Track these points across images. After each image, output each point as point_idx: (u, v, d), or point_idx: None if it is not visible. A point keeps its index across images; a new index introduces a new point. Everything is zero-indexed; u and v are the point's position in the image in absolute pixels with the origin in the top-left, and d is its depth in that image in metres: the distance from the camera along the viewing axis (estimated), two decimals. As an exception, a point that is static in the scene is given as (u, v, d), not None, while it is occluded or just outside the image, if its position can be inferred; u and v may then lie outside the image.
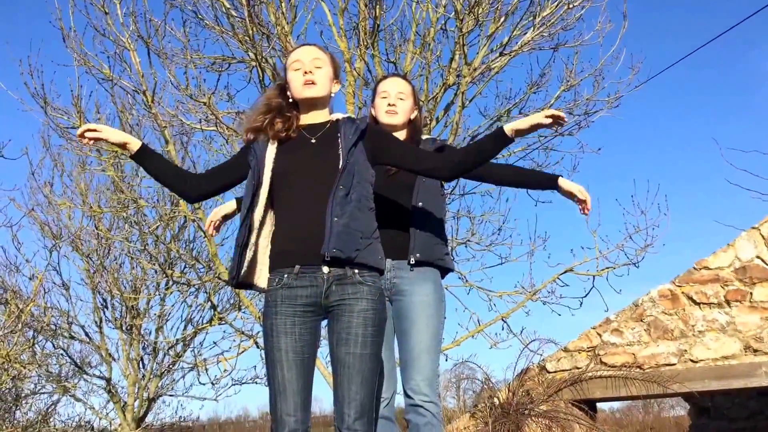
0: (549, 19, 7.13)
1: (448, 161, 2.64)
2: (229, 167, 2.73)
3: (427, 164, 2.62)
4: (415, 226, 3.01)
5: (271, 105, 2.65)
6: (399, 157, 2.64)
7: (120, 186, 8.32)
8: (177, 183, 2.75)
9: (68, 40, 6.95)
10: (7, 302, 9.63)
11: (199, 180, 2.74)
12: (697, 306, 5.05)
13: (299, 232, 2.45)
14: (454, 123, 7.54)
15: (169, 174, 2.75)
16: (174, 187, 2.80)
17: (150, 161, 2.73)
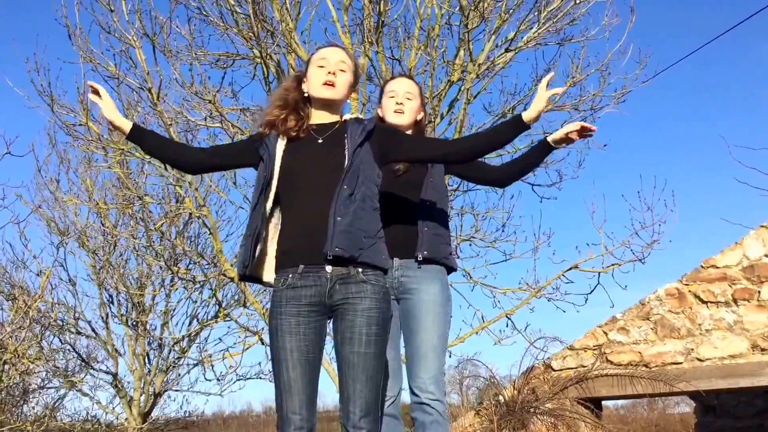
0: (555, 13, 7.09)
1: (461, 146, 2.67)
2: (236, 151, 2.76)
3: (441, 150, 2.67)
4: (422, 225, 3.02)
5: (287, 99, 2.66)
6: (412, 150, 2.66)
7: (126, 183, 8.32)
8: (177, 157, 2.79)
9: (74, 38, 6.97)
10: (14, 298, 9.67)
11: (201, 153, 2.79)
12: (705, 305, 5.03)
13: (303, 232, 2.46)
14: (458, 119, 7.52)
15: (167, 150, 2.79)
16: (174, 161, 2.86)
17: (145, 140, 2.76)
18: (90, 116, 7.20)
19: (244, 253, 2.56)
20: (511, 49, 7.29)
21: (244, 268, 2.55)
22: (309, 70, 2.68)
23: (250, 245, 2.53)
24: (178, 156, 2.78)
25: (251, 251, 2.53)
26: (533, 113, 2.55)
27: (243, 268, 2.56)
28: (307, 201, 2.48)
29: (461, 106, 7.54)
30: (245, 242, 2.56)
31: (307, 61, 2.74)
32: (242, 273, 2.57)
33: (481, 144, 2.65)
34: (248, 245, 2.53)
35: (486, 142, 2.65)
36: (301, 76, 2.71)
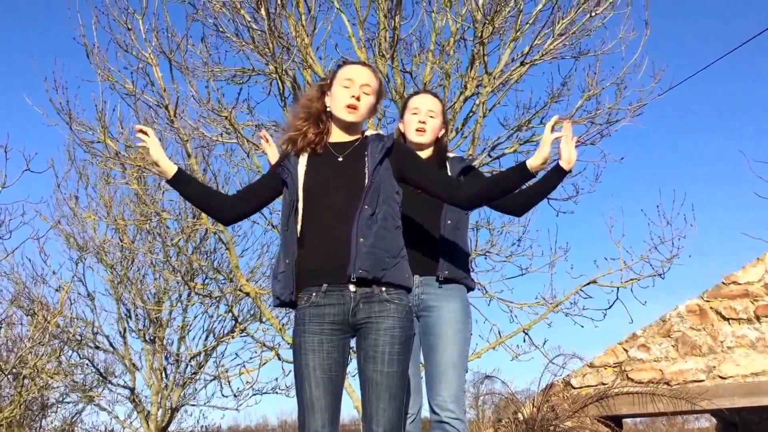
0: (570, 27, 7.07)
1: (468, 192, 2.61)
2: (261, 187, 2.74)
3: (447, 191, 2.61)
4: (443, 243, 3.00)
5: (311, 111, 2.66)
6: (421, 179, 2.63)
7: (143, 199, 8.39)
8: (212, 207, 2.78)
9: (92, 56, 7.04)
10: (34, 313, 9.75)
11: (233, 202, 2.76)
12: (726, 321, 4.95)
13: (326, 251, 2.45)
14: (473, 133, 7.50)
15: (204, 198, 2.78)
16: (209, 210, 2.84)
17: (186, 186, 2.76)
18: (108, 133, 7.26)
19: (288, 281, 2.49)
20: (527, 63, 7.27)
21: (291, 295, 2.49)
22: (334, 86, 2.65)
23: (292, 271, 2.49)
24: (214, 206, 2.77)
25: (292, 279, 2.48)
26: (538, 160, 2.48)
27: (289, 295, 2.49)
28: (328, 220, 2.47)
29: (477, 120, 7.52)
30: (286, 269, 2.50)
31: (333, 73, 2.73)
32: (288, 300, 2.50)
33: (488, 193, 2.61)
34: (290, 272, 2.49)
35: (492, 190, 2.61)
36: (325, 87, 2.70)
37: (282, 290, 2.52)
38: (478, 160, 7.62)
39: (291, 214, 2.54)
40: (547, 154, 2.48)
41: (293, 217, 2.53)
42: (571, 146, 2.68)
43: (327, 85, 2.70)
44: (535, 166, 2.48)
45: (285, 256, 2.53)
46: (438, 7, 7.72)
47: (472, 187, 2.63)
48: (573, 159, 2.69)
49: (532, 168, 2.48)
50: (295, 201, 2.54)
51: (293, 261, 2.50)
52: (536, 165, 2.48)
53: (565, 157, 2.65)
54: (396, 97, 7.53)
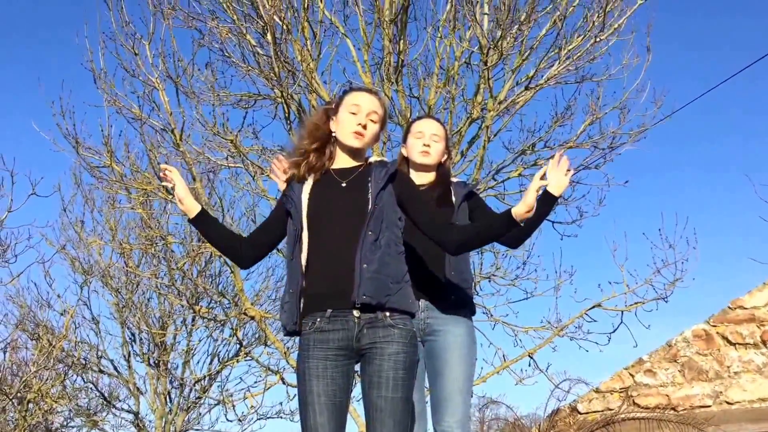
0: (575, 52, 7.12)
1: (456, 239, 2.58)
2: (273, 223, 2.72)
3: (437, 234, 2.60)
4: (449, 268, 2.99)
5: (316, 135, 2.67)
6: (415, 214, 2.62)
7: (149, 223, 8.41)
8: (233, 250, 2.77)
9: (99, 81, 7.11)
10: (39, 337, 9.75)
11: (250, 246, 2.73)
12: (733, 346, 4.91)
13: (330, 277, 2.46)
14: (478, 157, 7.53)
15: (225, 240, 2.77)
16: (230, 254, 2.83)
17: (208, 226, 2.76)
18: (114, 158, 7.31)
19: (292, 311, 2.51)
20: (531, 87, 7.31)
21: (294, 325, 2.51)
22: (340, 111, 2.66)
23: (296, 302, 2.50)
24: (235, 250, 2.76)
25: (297, 309, 2.49)
26: (522, 208, 2.47)
27: (293, 326, 2.51)
28: (332, 245, 2.48)
29: (481, 144, 7.55)
30: (290, 299, 2.52)
31: (340, 98, 2.74)
32: (293, 330, 2.52)
33: (474, 241, 2.64)
34: (294, 302, 2.50)
35: (480, 239, 2.64)
36: (330, 111, 2.71)
37: (287, 320, 2.53)
38: (482, 183, 7.63)
39: (296, 244, 2.54)
40: (531, 202, 2.46)
41: (298, 247, 2.53)
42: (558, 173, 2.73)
43: (332, 109, 2.71)
44: (519, 213, 2.47)
45: (290, 286, 2.54)
46: (443, 33, 7.80)
47: (460, 233, 2.59)
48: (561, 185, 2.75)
49: (516, 216, 2.48)
50: (299, 231, 2.54)
51: (297, 291, 2.50)
52: (520, 213, 2.47)
53: (552, 183, 2.69)
54: (401, 121, 7.58)
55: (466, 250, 2.73)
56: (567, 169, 2.76)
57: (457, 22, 7.64)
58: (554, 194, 2.79)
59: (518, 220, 2.49)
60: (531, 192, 2.47)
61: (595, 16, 6.94)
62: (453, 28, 7.64)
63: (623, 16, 7.04)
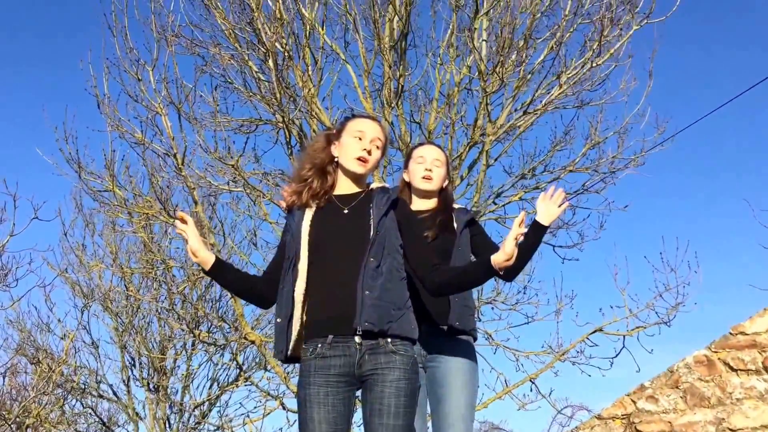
0: (573, 78, 7.19)
1: (437, 281, 2.56)
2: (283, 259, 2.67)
3: (420, 271, 2.58)
4: (453, 295, 2.97)
5: (317, 161, 2.66)
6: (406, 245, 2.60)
7: (149, 247, 8.43)
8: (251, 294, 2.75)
9: (103, 106, 7.19)
10: (38, 362, 9.71)
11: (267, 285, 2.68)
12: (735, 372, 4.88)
13: (332, 303, 2.45)
14: (478, 181, 7.57)
15: (242, 286, 2.75)
16: (249, 297, 2.81)
17: (224, 276, 2.72)
18: (116, 182, 7.35)
19: (281, 341, 2.50)
20: (530, 113, 7.37)
21: (281, 354, 2.51)
22: (344, 137, 2.65)
23: (285, 331, 2.49)
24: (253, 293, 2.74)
25: (286, 338, 2.49)
26: (501, 257, 2.41)
27: (280, 353, 2.51)
28: (334, 272, 2.48)
29: (481, 168, 7.60)
30: (279, 328, 2.51)
31: (342, 124, 2.73)
32: (282, 359, 2.53)
33: (454, 287, 2.62)
34: (283, 330, 2.49)
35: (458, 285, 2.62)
36: (332, 137, 2.70)
37: (275, 349, 2.54)
38: (483, 207, 7.66)
39: (289, 271, 2.53)
40: (510, 250, 2.38)
41: (290, 275, 2.52)
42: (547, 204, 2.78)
43: (334, 134, 2.71)
44: (498, 262, 2.42)
45: (277, 314, 2.53)
46: (443, 59, 7.88)
47: (440, 277, 2.56)
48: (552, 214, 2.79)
49: (495, 264, 2.42)
50: (293, 258, 2.53)
51: (286, 320, 2.49)
52: (499, 261, 2.41)
53: (542, 212, 2.71)
54: (401, 145, 7.63)
55: (445, 293, 2.70)
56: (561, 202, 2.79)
57: (456, 48, 7.73)
58: (543, 223, 2.82)
59: (498, 269, 2.43)
60: (510, 240, 2.38)
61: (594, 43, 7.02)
62: (453, 54, 7.74)
63: (620, 42, 7.12)
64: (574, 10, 7.13)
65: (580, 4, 7.16)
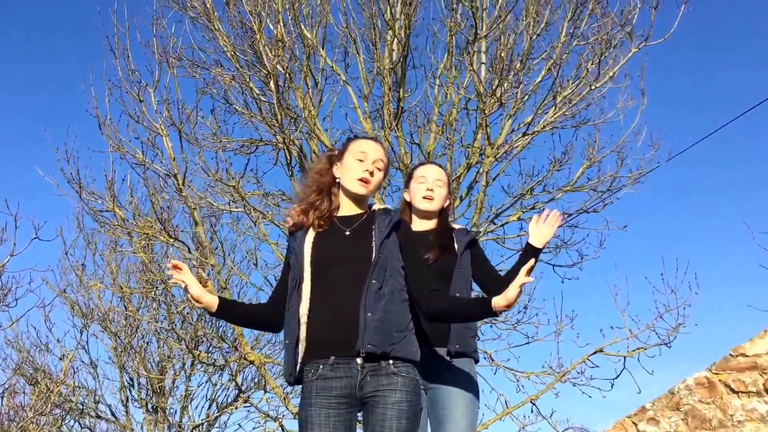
0: (570, 98, 7.25)
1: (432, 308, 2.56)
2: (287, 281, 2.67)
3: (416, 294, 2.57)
4: None
5: (320, 182, 2.66)
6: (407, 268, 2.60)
7: (149, 266, 8.43)
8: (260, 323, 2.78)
9: (104, 128, 7.23)
10: (37, 382, 9.67)
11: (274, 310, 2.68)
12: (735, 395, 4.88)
13: (334, 324, 2.45)
14: (477, 202, 7.60)
15: (250, 318, 2.76)
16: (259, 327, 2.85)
17: (231, 313, 2.75)
18: (117, 202, 7.37)
19: (290, 363, 2.51)
20: (529, 133, 7.42)
21: (291, 377, 2.51)
22: (346, 158, 2.66)
23: (293, 352, 2.50)
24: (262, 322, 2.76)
25: (294, 359, 2.49)
26: (502, 301, 2.41)
27: (290, 377, 2.52)
28: (336, 294, 2.48)
29: (480, 189, 7.63)
30: (287, 350, 2.52)
31: (344, 145, 2.73)
32: (291, 382, 2.53)
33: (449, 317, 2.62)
34: (291, 353, 2.51)
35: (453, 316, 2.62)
36: (334, 158, 2.70)
37: (285, 372, 2.54)
38: (482, 227, 7.68)
39: (293, 293, 2.54)
40: (512, 297, 2.38)
41: (296, 296, 2.53)
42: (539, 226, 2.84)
43: (336, 156, 2.71)
44: (498, 306, 2.42)
45: (285, 336, 2.54)
46: (442, 80, 7.95)
47: (437, 304, 2.56)
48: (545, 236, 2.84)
49: (495, 307, 2.42)
50: (298, 280, 2.54)
51: (294, 341, 2.49)
52: (499, 305, 2.41)
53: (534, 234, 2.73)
54: (401, 166, 7.67)
55: (440, 321, 2.68)
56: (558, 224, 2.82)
57: (455, 70, 7.80)
58: (536, 246, 2.84)
59: (496, 312, 2.44)
60: (514, 288, 2.38)
61: (590, 63, 7.09)
62: (451, 76, 7.80)
63: (617, 64, 7.19)
64: (571, 32, 7.21)
65: (576, 26, 7.23)
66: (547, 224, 2.93)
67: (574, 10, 7.20)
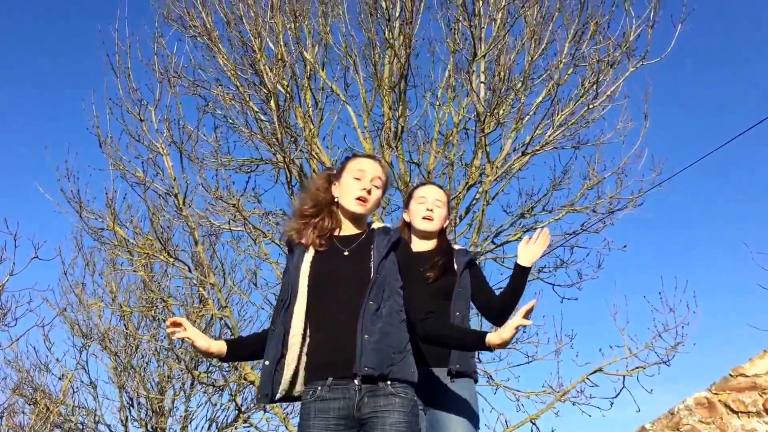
0: (570, 118, 7.27)
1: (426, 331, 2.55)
2: None
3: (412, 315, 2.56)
4: None
5: (319, 201, 2.65)
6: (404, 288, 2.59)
7: (149, 285, 8.43)
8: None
9: (104, 146, 7.26)
10: (36, 402, 9.63)
11: None
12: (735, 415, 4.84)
13: (332, 346, 2.44)
14: (477, 221, 7.60)
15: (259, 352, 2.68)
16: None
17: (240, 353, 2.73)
18: (117, 221, 7.38)
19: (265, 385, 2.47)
20: (528, 153, 7.43)
21: (266, 397, 2.48)
22: (344, 176, 2.65)
23: (271, 374, 2.46)
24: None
25: (272, 381, 2.46)
26: (496, 339, 2.42)
27: (265, 399, 2.48)
28: (334, 314, 2.46)
29: (480, 208, 7.64)
30: (265, 371, 2.48)
31: (342, 164, 2.73)
32: (266, 402, 2.50)
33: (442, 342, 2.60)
34: (269, 374, 2.47)
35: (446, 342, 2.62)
36: (332, 177, 2.70)
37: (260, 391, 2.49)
38: (481, 247, 7.68)
39: (281, 312, 2.52)
40: (507, 338, 2.40)
41: (283, 316, 2.51)
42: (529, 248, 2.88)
43: (334, 174, 2.71)
44: (492, 343, 2.43)
45: (266, 356, 2.50)
46: (442, 100, 7.99)
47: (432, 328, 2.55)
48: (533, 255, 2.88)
49: (489, 343, 2.44)
50: (287, 300, 2.52)
51: (274, 363, 2.46)
52: (494, 343, 2.43)
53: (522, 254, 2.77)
54: (401, 185, 7.69)
55: (433, 344, 2.67)
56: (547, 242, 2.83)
57: (454, 89, 7.84)
58: (524, 265, 2.89)
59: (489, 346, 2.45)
60: (509, 329, 2.40)
61: (587, 82, 7.12)
62: (451, 95, 7.84)
63: (615, 84, 7.22)
64: (572, 53, 7.24)
65: (577, 47, 7.27)
66: (538, 245, 2.94)
67: (575, 32, 7.25)
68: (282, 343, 2.47)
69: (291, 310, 2.49)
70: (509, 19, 7.35)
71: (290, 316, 2.49)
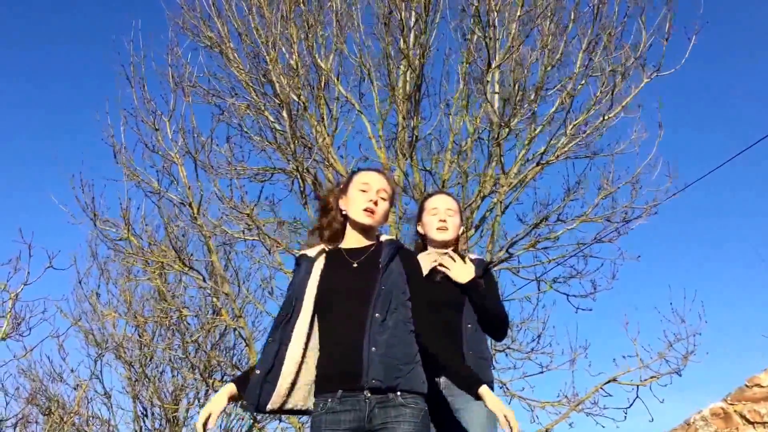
0: (584, 128, 7.25)
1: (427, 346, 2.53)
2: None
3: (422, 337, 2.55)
4: (467, 348, 2.95)
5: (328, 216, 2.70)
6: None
7: (164, 295, 8.47)
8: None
9: (119, 156, 7.31)
10: (50, 412, 9.67)
11: None
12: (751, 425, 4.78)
13: (341, 358, 2.44)
14: (491, 231, 7.58)
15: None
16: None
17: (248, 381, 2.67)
18: (132, 230, 7.44)
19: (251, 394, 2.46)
20: (542, 163, 7.41)
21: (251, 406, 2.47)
22: (350, 190, 2.68)
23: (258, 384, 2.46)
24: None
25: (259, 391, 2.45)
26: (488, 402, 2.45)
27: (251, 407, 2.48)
28: (342, 327, 2.47)
29: (494, 218, 7.61)
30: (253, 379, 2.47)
31: (348, 179, 2.77)
32: (250, 411, 2.52)
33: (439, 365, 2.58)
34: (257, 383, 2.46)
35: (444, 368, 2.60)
36: (338, 193, 2.73)
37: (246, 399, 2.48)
38: (496, 256, 7.65)
39: (281, 326, 2.53)
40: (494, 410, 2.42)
41: (281, 330, 2.51)
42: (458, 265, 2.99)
43: (341, 190, 2.74)
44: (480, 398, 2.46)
45: (258, 365, 2.50)
46: (456, 109, 7.99)
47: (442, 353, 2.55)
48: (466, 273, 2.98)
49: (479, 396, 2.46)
50: (289, 315, 2.53)
51: (263, 374, 2.46)
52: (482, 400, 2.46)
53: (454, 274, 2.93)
54: (416, 195, 7.68)
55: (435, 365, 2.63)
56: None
57: (469, 99, 7.85)
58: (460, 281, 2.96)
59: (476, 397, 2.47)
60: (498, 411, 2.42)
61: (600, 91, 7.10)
62: (465, 105, 7.85)
63: (630, 94, 7.19)
64: (586, 63, 7.23)
65: (591, 58, 7.26)
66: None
67: (588, 43, 7.23)
68: (275, 356, 2.48)
69: (292, 324, 2.51)
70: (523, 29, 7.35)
71: (291, 329, 2.50)
